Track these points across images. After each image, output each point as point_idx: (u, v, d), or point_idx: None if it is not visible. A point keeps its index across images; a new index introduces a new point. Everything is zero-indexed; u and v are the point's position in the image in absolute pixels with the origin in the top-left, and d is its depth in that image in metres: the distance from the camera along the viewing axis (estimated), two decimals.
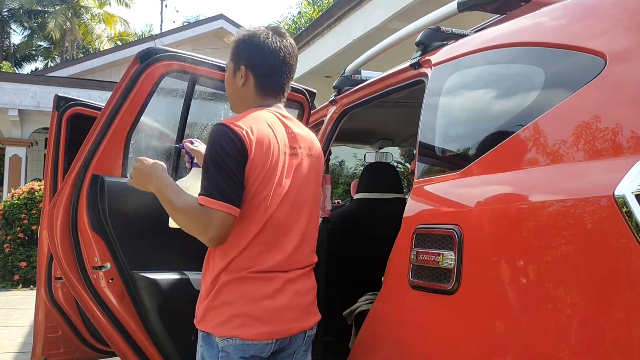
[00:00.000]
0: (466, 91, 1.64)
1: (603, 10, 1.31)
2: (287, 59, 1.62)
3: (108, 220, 2.03)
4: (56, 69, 15.71)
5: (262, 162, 1.48)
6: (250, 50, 1.61)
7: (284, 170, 1.53)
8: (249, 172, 1.47)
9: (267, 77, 1.62)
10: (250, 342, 1.47)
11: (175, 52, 2.17)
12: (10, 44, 25.01)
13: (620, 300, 1.00)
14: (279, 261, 1.53)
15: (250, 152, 1.46)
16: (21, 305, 6.70)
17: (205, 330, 1.53)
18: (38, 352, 3.05)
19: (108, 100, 2.09)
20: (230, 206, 1.43)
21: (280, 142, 1.53)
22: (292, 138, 1.59)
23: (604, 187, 1.03)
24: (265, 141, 1.49)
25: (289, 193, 1.55)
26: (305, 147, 1.62)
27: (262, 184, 1.49)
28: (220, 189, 1.43)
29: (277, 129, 1.55)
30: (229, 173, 1.44)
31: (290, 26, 17.89)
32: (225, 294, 1.50)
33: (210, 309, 1.52)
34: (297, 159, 1.58)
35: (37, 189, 8.39)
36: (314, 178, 1.65)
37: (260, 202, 1.49)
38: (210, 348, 1.52)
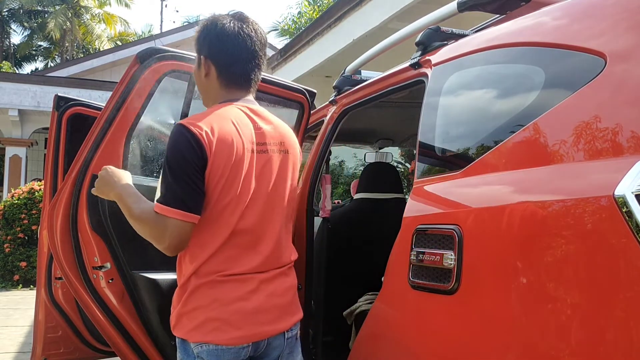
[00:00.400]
0: (466, 91, 1.64)
1: (603, 10, 1.31)
2: (248, 44, 1.51)
3: (108, 220, 2.03)
4: (56, 69, 15.72)
5: (224, 165, 1.41)
6: (209, 38, 1.53)
7: (252, 171, 1.47)
8: (209, 176, 1.41)
9: (229, 66, 1.53)
10: (225, 347, 1.42)
11: (176, 52, 2.17)
12: (10, 44, 25.02)
13: (621, 300, 1.00)
14: (255, 265, 1.48)
15: (210, 156, 1.39)
16: (21, 305, 6.71)
17: (179, 336, 1.49)
18: (38, 352, 3.05)
19: (108, 100, 2.08)
20: (185, 213, 1.37)
21: (246, 140, 1.46)
22: (260, 134, 1.51)
23: (604, 187, 1.03)
24: (227, 141, 1.41)
25: (259, 194, 1.49)
26: (276, 143, 1.54)
27: (225, 187, 1.42)
28: (175, 195, 1.38)
29: (242, 126, 1.47)
30: (186, 179, 1.38)
31: (290, 26, 17.88)
32: (196, 298, 1.46)
33: (182, 314, 1.48)
34: (266, 156, 1.51)
35: (37, 189, 8.39)
36: (288, 173, 1.58)
37: (225, 206, 1.43)
38: (186, 354, 1.48)
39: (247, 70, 1.54)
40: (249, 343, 1.45)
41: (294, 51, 8.04)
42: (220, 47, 1.52)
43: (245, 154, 1.45)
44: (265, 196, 1.50)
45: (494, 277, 1.24)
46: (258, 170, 1.49)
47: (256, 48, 1.53)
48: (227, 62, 1.52)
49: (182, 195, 1.38)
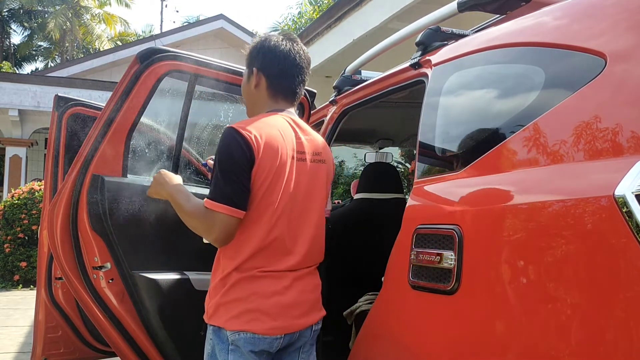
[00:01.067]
0: (466, 91, 1.64)
1: (603, 10, 1.31)
2: (297, 61, 1.67)
3: (108, 220, 2.03)
4: (56, 69, 15.71)
5: (269, 167, 1.53)
6: (263, 53, 1.67)
7: (292, 176, 1.59)
8: (255, 175, 1.53)
9: (279, 78, 1.67)
10: (261, 336, 1.54)
11: (176, 52, 2.17)
12: (11, 44, 25.01)
13: (621, 300, 1.00)
14: (291, 264, 1.60)
15: (257, 156, 1.51)
16: (21, 305, 6.71)
17: (216, 325, 1.59)
18: (38, 352, 3.05)
19: (108, 101, 2.09)
20: (232, 209, 1.50)
21: (289, 147, 1.59)
22: (300, 143, 1.64)
23: (604, 187, 1.03)
24: (273, 144, 1.54)
25: (297, 198, 1.61)
26: (313, 152, 1.67)
27: (268, 189, 1.54)
28: (223, 192, 1.50)
29: (286, 134, 1.60)
30: (233, 177, 1.50)
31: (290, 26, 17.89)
32: (236, 291, 1.56)
33: (221, 304, 1.58)
34: (305, 164, 1.64)
35: (37, 189, 8.39)
36: (322, 181, 1.70)
37: (267, 206, 1.55)
38: (220, 341, 1.58)
39: (294, 84, 1.69)
40: (283, 334, 1.58)
41: None
42: (272, 61, 1.66)
43: (287, 159, 1.58)
44: (302, 200, 1.63)
45: (494, 277, 1.24)
46: (297, 176, 1.61)
47: (303, 65, 1.69)
48: (277, 75, 1.67)
49: (230, 193, 1.51)
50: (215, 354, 1.61)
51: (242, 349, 1.54)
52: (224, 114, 2.86)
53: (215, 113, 2.86)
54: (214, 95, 2.54)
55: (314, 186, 1.67)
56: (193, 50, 3.75)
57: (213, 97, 2.58)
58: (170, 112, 2.48)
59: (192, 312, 2.17)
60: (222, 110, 2.82)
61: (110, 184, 2.04)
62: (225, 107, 2.77)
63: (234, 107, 2.70)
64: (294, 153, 1.60)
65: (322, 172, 1.70)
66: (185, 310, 2.15)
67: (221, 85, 2.33)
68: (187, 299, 2.12)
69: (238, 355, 1.56)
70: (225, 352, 1.57)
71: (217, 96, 2.59)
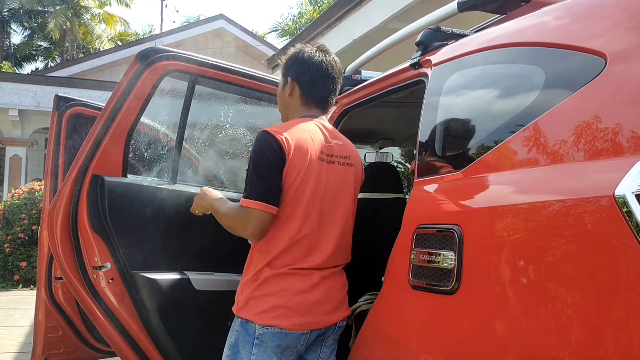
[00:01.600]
0: (466, 91, 1.64)
1: (603, 10, 1.30)
2: (329, 71, 1.78)
3: (108, 220, 2.03)
4: (56, 69, 15.71)
5: (299, 167, 1.63)
6: (297, 63, 1.79)
7: (322, 177, 1.68)
8: (286, 174, 1.63)
9: (311, 87, 1.78)
10: (288, 331, 1.61)
11: (176, 52, 2.18)
12: (11, 44, 25.00)
13: (621, 301, 1.00)
14: (318, 262, 1.68)
15: (288, 157, 1.61)
16: (21, 305, 6.71)
17: (245, 318, 1.66)
18: (38, 352, 3.05)
19: (108, 100, 2.09)
20: (265, 204, 1.59)
21: (318, 150, 1.68)
22: (329, 147, 1.73)
23: (604, 187, 1.03)
24: (303, 147, 1.64)
25: (326, 196, 1.69)
26: (343, 156, 1.76)
27: (299, 188, 1.64)
28: (257, 190, 1.61)
29: (316, 137, 1.69)
30: (266, 176, 1.61)
31: (290, 26, 17.89)
32: (267, 286, 1.65)
33: (252, 298, 1.66)
34: (334, 166, 1.72)
35: (37, 189, 8.39)
36: (350, 184, 1.78)
37: (299, 202, 1.64)
38: (246, 334, 1.65)
39: (326, 93, 1.80)
40: (309, 330, 1.65)
41: None
42: (306, 71, 1.77)
43: (316, 161, 1.67)
44: (330, 201, 1.71)
45: (494, 277, 1.24)
46: (327, 177, 1.69)
47: (335, 75, 1.80)
48: (310, 84, 1.77)
49: (263, 190, 1.61)
50: (237, 344, 1.68)
51: (267, 343, 1.61)
52: (224, 114, 2.86)
53: (215, 113, 2.86)
54: (214, 95, 2.54)
55: (343, 188, 1.75)
56: (193, 50, 3.75)
57: (213, 97, 2.58)
58: (170, 112, 2.48)
59: (192, 312, 2.18)
60: (222, 110, 2.82)
61: (110, 184, 2.04)
62: (226, 107, 2.77)
63: (234, 107, 2.70)
64: (324, 156, 1.69)
65: (351, 175, 1.78)
66: (185, 310, 2.15)
67: (221, 85, 2.33)
68: (187, 299, 2.12)
69: (261, 350, 1.62)
70: (250, 345, 1.63)
71: (217, 96, 2.59)
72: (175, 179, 2.26)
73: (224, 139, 3.00)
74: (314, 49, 1.80)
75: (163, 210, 2.15)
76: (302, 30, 11.01)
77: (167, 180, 2.27)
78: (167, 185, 2.22)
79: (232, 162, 3.45)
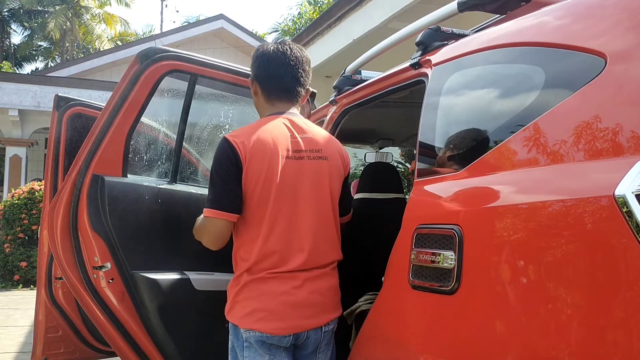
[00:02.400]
0: (466, 91, 1.64)
1: (603, 10, 1.30)
2: (284, 60, 1.72)
3: (108, 220, 2.03)
4: (56, 69, 15.71)
5: (259, 169, 1.61)
6: (254, 61, 1.78)
7: (288, 173, 1.64)
8: (246, 179, 1.62)
9: (267, 80, 1.74)
10: (269, 335, 1.61)
11: (176, 52, 2.17)
12: (11, 44, 25.00)
13: (621, 301, 1.00)
14: (299, 263, 1.66)
15: (245, 162, 1.60)
16: (21, 305, 6.71)
17: (232, 322, 1.69)
18: (38, 352, 3.05)
19: (108, 100, 2.09)
20: (218, 212, 1.61)
21: (282, 148, 1.64)
22: (296, 142, 1.68)
23: (604, 187, 1.03)
24: (261, 149, 1.62)
25: (298, 193, 1.66)
26: (313, 150, 1.71)
27: (264, 187, 1.62)
28: (212, 198, 1.63)
29: (278, 135, 1.66)
30: (222, 184, 1.62)
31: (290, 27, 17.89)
32: (247, 290, 1.66)
33: (236, 302, 1.68)
34: (303, 162, 1.68)
35: (37, 189, 8.40)
36: (325, 177, 1.73)
37: (266, 204, 1.63)
38: (237, 338, 1.69)
39: (284, 83, 1.74)
40: (290, 334, 1.64)
41: None
42: (259, 65, 1.75)
43: (281, 160, 1.63)
44: (304, 198, 1.67)
45: (494, 277, 1.24)
46: (294, 174, 1.66)
47: (292, 63, 1.73)
48: (266, 78, 1.75)
49: (217, 197, 1.62)
50: (234, 348, 1.71)
51: (254, 345, 1.63)
52: (224, 114, 2.86)
53: (215, 113, 2.86)
54: (214, 95, 2.54)
55: (316, 183, 1.70)
56: (193, 50, 3.75)
57: (213, 97, 2.57)
58: (171, 112, 2.48)
59: (192, 312, 2.18)
60: (223, 110, 2.82)
61: (110, 184, 2.04)
62: (226, 108, 2.77)
63: (234, 107, 2.70)
64: (289, 153, 1.65)
65: (324, 168, 1.72)
66: (185, 310, 2.15)
67: (221, 85, 2.33)
68: (187, 299, 2.12)
69: (252, 352, 1.64)
70: (241, 349, 1.66)
71: (217, 96, 2.59)
72: (175, 179, 2.26)
73: None
74: (269, 44, 1.78)
75: (163, 210, 2.15)
76: (302, 30, 11.00)
77: (167, 180, 2.27)
78: (167, 185, 2.22)
79: None
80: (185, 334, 2.15)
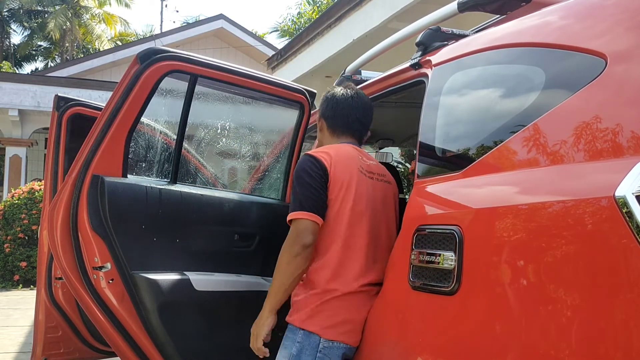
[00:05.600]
0: (467, 91, 1.64)
1: (604, 10, 1.31)
2: (350, 103, 1.92)
3: (108, 221, 2.02)
4: (56, 69, 15.70)
5: (342, 177, 1.73)
6: (322, 101, 1.99)
7: (364, 186, 1.76)
8: (332, 185, 1.72)
9: (333, 118, 1.94)
10: (353, 347, 1.68)
11: (176, 52, 2.17)
12: (10, 44, 24.98)
13: (621, 301, 1.00)
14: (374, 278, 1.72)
15: (330, 170, 1.72)
16: (21, 305, 6.70)
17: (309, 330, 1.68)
18: (38, 352, 3.05)
19: (108, 101, 2.08)
20: (308, 213, 1.66)
21: (357, 164, 1.78)
22: (366, 164, 1.83)
23: (604, 187, 1.03)
24: (342, 161, 1.76)
25: (372, 208, 1.76)
26: (379, 174, 1.86)
27: (346, 195, 1.71)
28: (300, 202, 1.68)
29: (352, 154, 1.81)
30: (310, 189, 1.69)
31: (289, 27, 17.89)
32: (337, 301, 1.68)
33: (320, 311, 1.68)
34: (373, 181, 1.81)
35: (37, 189, 8.39)
36: (390, 200, 1.86)
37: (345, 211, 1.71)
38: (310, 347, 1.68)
39: (348, 121, 1.93)
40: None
41: (294, 51, 8.04)
42: (327, 106, 1.97)
43: (357, 173, 1.76)
44: (377, 214, 1.77)
45: (494, 278, 1.24)
46: (370, 190, 1.78)
47: (354, 106, 1.93)
48: (332, 116, 1.95)
49: (305, 201, 1.68)
50: (300, 356, 1.67)
51: (329, 357, 1.66)
52: (225, 114, 2.86)
53: (215, 113, 2.86)
54: (214, 95, 2.54)
55: (386, 203, 1.83)
56: (193, 50, 3.75)
57: (213, 98, 2.57)
58: (171, 112, 2.48)
59: (192, 312, 2.18)
60: (223, 110, 2.82)
61: (110, 184, 2.04)
62: (226, 108, 2.76)
63: (234, 107, 2.70)
64: (362, 170, 1.79)
65: (390, 192, 1.88)
66: (185, 311, 2.15)
67: (221, 85, 2.33)
68: (187, 299, 2.12)
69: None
70: (312, 358, 1.65)
71: (217, 97, 2.59)
72: (175, 179, 2.26)
73: (224, 139, 3.00)
74: (336, 88, 1.98)
75: (163, 210, 2.15)
76: (301, 30, 11.00)
77: (167, 181, 2.27)
78: (167, 186, 2.22)
79: (232, 163, 3.45)
80: (185, 334, 2.15)
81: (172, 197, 2.19)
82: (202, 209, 2.26)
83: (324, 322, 1.66)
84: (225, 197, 2.42)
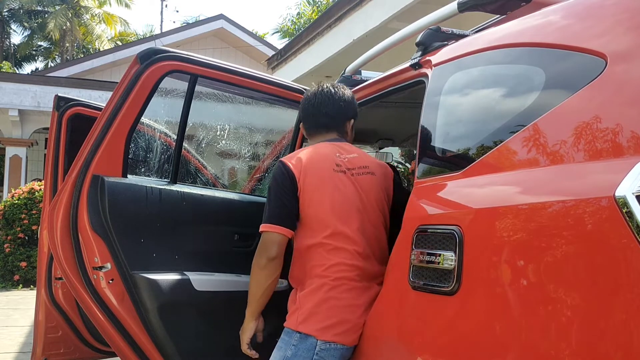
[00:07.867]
0: (467, 91, 1.64)
1: (604, 10, 1.31)
2: (310, 102, 1.93)
3: (108, 221, 2.02)
4: (56, 69, 15.69)
5: (312, 181, 1.74)
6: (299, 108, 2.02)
7: (339, 184, 1.75)
8: (303, 192, 1.73)
9: (304, 122, 1.98)
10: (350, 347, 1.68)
11: (176, 52, 2.17)
12: (11, 44, 24.98)
13: (621, 301, 1.00)
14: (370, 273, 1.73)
15: (300, 177, 1.74)
16: (21, 305, 6.70)
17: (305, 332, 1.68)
18: (38, 352, 3.05)
19: (108, 101, 2.08)
20: (275, 226, 1.69)
21: (331, 163, 1.78)
22: (342, 161, 1.81)
23: (604, 187, 1.03)
24: (314, 164, 1.77)
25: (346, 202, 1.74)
26: (360, 166, 1.83)
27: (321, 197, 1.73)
28: (269, 215, 1.72)
29: (326, 154, 1.81)
30: (277, 201, 1.73)
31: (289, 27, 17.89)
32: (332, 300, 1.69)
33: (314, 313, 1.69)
34: (351, 176, 1.79)
35: (37, 189, 8.39)
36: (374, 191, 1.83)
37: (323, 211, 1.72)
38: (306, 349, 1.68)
39: (315, 120, 1.94)
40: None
41: (294, 51, 8.04)
42: (299, 112, 2.02)
43: (331, 173, 1.76)
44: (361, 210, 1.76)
45: (494, 278, 1.24)
46: (346, 186, 1.77)
47: (317, 102, 1.92)
48: (304, 117, 1.98)
49: (273, 213, 1.72)
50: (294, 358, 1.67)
51: (326, 358, 1.65)
52: (225, 114, 2.86)
53: (215, 113, 2.86)
54: (214, 95, 2.54)
55: (368, 196, 1.80)
56: (193, 50, 3.74)
57: (213, 98, 2.57)
58: (170, 112, 2.48)
59: (192, 312, 2.18)
60: (223, 110, 2.82)
61: (110, 184, 2.04)
62: (226, 108, 2.76)
63: (234, 107, 2.70)
64: (337, 167, 1.78)
65: (375, 182, 1.84)
66: (185, 311, 2.15)
67: (221, 85, 2.33)
68: (187, 299, 2.12)
69: None
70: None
71: (218, 96, 2.59)
72: (175, 179, 2.26)
73: (224, 139, 3.00)
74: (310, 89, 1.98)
75: (163, 210, 2.15)
76: (301, 30, 11.00)
77: (168, 181, 2.27)
78: (167, 186, 2.22)
79: (231, 163, 3.45)
80: (185, 334, 2.15)
81: (172, 197, 2.19)
82: (202, 209, 2.26)
83: (319, 324, 1.66)
84: (226, 197, 2.42)
